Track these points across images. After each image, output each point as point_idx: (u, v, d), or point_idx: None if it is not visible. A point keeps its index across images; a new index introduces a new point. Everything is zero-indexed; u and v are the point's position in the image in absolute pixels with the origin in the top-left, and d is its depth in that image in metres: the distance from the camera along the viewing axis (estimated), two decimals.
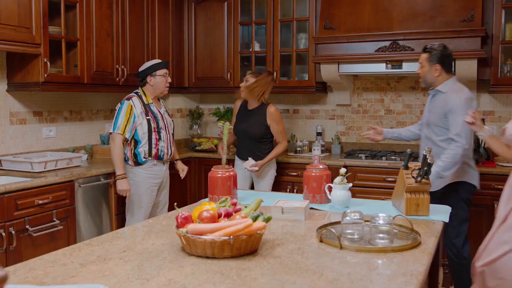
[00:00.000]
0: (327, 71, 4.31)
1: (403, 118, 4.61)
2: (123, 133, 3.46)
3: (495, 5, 3.90)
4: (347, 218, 1.88)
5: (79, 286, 1.36)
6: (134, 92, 3.62)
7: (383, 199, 3.30)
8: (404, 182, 2.26)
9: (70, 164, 3.68)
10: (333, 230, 1.80)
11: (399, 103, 4.62)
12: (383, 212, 2.27)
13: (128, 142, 3.54)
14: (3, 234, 2.89)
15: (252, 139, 4.01)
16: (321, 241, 1.82)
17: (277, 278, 1.45)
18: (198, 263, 1.58)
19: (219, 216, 1.74)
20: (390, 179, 3.98)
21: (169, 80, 3.66)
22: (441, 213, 2.28)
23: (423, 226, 2.05)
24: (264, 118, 3.99)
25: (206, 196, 4.03)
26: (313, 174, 2.48)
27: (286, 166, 4.33)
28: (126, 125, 3.46)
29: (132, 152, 3.55)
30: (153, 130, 3.54)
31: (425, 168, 2.19)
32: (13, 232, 2.95)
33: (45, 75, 3.46)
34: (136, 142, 3.54)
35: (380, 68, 4.11)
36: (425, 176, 2.21)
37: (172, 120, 3.79)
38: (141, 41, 4.38)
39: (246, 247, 1.63)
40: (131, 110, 3.49)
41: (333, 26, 4.26)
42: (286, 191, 4.32)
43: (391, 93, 4.63)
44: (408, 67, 4.00)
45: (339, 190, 2.40)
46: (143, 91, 3.62)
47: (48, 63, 3.46)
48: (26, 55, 3.43)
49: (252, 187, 4.17)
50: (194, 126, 5.30)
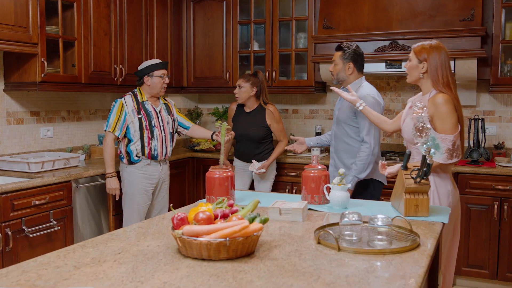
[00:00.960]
0: (326, 71, 4.28)
1: None
2: (113, 131, 3.48)
3: (495, 4, 3.88)
4: (345, 219, 1.86)
5: None
6: (132, 91, 3.63)
7: (382, 200, 3.28)
8: (403, 183, 2.24)
9: (67, 164, 3.66)
10: (331, 231, 1.77)
11: (399, 103, 4.60)
12: (382, 213, 2.26)
13: (121, 140, 3.54)
14: (0, 235, 2.87)
15: (254, 141, 4.00)
16: (319, 242, 1.80)
17: (274, 281, 1.42)
18: (193, 266, 1.55)
19: (216, 217, 1.72)
20: (389, 180, 3.94)
21: (167, 81, 3.63)
22: (441, 214, 2.25)
23: (423, 227, 2.02)
24: (263, 119, 4.00)
25: (205, 197, 4.00)
26: (312, 174, 2.45)
27: (285, 166, 4.31)
28: (116, 123, 3.50)
29: (125, 150, 3.56)
30: (144, 128, 3.52)
31: (425, 169, 2.17)
32: (10, 233, 2.93)
33: (42, 74, 3.43)
34: (129, 140, 3.54)
35: (379, 67, 4.08)
36: (424, 177, 2.19)
37: (173, 119, 3.73)
38: (139, 41, 4.36)
39: (242, 249, 1.61)
40: (122, 108, 3.51)
41: (332, 26, 4.24)
42: (285, 192, 4.30)
43: (391, 92, 4.61)
44: None
45: (338, 191, 2.37)
46: (139, 90, 3.62)
47: (45, 62, 3.44)
48: (23, 54, 3.41)
49: (251, 188, 4.15)
50: None
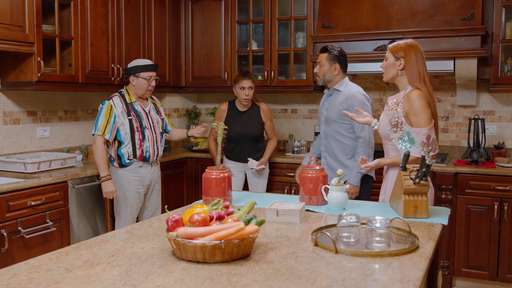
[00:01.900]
0: None
1: None
2: (103, 134, 3.39)
3: (495, 4, 3.85)
4: (343, 221, 1.83)
5: None
6: (118, 92, 3.57)
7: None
8: (402, 184, 2.21)
9: (64, 165, 3.63)
10: (328, 233, 1.75)
11: None
12: (381, 214, 2.24)
13: (111, 143, 3.48)
14: None
15: (251, 140, 4.01)
16: (316, 244, 1.77)
17: (269, 285, 1.40)
18: (188, 268, 1.52)
19: (211, 219, 1.69)
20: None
21: (153, 84, 3.53)
22: (440, 215, 2.22)
23: (422, 229, 2.00)
24: (259, 117, 4.05)
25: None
26: (309, 175, 2.43)
27: (284, 166, 4.28)
28: (106, 126, 3.40)
29: (116, 153, 3.48)
30: (135, 130, 3.46)
31: (424, 170, 2.14)
32: (5, 234, 2.90)
33: (39, 74, 3.40)
34: (120, 143, 3.46)
35: (379, 67, 4.03)
36: (423, 178, 2.16)
37: (162, 119, 3.67)
38: (137, 40, 4.33)
39: (238, 252, 1.58)
40: (111, 110, 3.42)
41: (331, 25, 4.21)
42: (284, 192, 4.27)
43: (390, 92, 4.58)
44: None
45: (336, 192, 2.35)
46: (126, 89, 3.57)
47: (42, 62, 3.41)
48: (19, 54, 3.38)
49: (245, 188, 4.13)
50: (191, 126, 5.25)
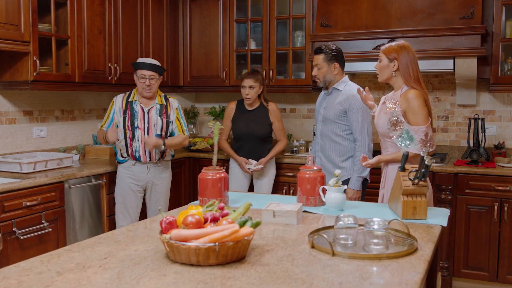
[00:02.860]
0: None
1: None
2: (102, 127, 3.63)
3: (495, 2, 3.81)
4: (340, 222, 1.80)
5: None
6: (131, 90, 3.67)
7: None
8: (400, 185, 2.18)
9: (60, 165, 3.60)
10: (325, 235, 1.71)
11: None
12: (379, 215, 2.20)
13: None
14: None
15: (258, 140, 3.95)
16: (312, 247, 1.74)
17: None
18: (181, 271, 1.49)
19: (206, 221, 1.66)
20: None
21: (147, 83, 3.48)
22: (439, 217, 2.19)
23: (420, 231, 1.97)
24: (267, 117, 3.97)
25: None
26: (307, 175, 2.40)
27: (282, 166, 4.25)
28: (106, 120, 3.61)
29: (114, 149, 3.62)
30: (126, 128, 3.51)
31: (423, 170, 2.11)
32: (0, 235, 2.87)
33: (35, 73, 3.37)
34: (117, 139, 3.55)
35: None
36: (422, 179, 2.13)
37: (168, 122, 3.59)
38: (134, 39, 4.29)
39: (233, 254, 1.55)
40: (111, 106, 3.59)
41: (330, 24, 4.18)
42: (282, 192, 4.24)
43: (389, 91, 4.54)
44: None
45: (334, 193, 2.31)
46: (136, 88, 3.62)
47: (38, 61, 3.37)
48: (14, 53, 3.35)
49: (251, 189, 4.09)
50: (190, 125, 5.22)
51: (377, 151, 3.64)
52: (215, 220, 1.67)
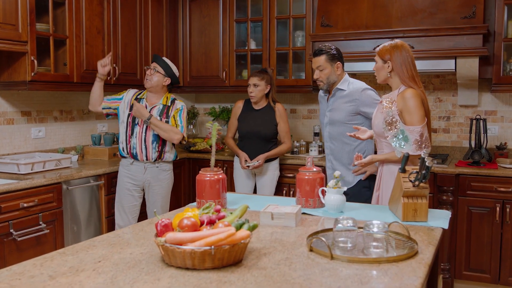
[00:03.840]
0: None
1: None
2: (104, 97, 3.62)
3: (497, 2, 3.78)
4: (339, 225, 1.76)
5: None
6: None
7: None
8: (401, 186, 2.15)
9: (59, 166, 3.57)
10: (323, 238, 1.68)
11: None
12: (379, 217, 2.17)
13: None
14: None
15: (262, 139, 3.91)
16: (311, 250, 1.71)
17: None
18: (176, 275, 1.46)
19: (202, 224, 1.63)
20: None
21: (148, 73, 3.51)
22: (440, 219, 2.16)
23: (421, 234, 1.93)
24: (273, 117, 3.93)
25: None
26: (306, 177, 2.36)
27: (283, 167, 4.21)
28: (111, 96, 3.63)
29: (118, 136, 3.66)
30: (128, 123, 3.52)
31: (423, 172, 2.07)
32: None
33: (32, 73, 3.34)
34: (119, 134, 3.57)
35: None
36: (423, 180, 2.09)
37: (166, 121, 3.53)
38: (133, 39, 4.27)
39: (229, 258, 1.52)
40: (123, 93, 3.63)
41: (330, 23, 4.14)
42: (283, 193, 4.21)
43: (389, 91, 4.50)
44: None
45: (333, 194, 2.28)
46: None
47: (35, 61, 3.35)
48: (12, 53, 3.32)
49: (255, 189, 4.07)
50: (189, 126, 5.19)
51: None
52: (211, 222, 1.63)
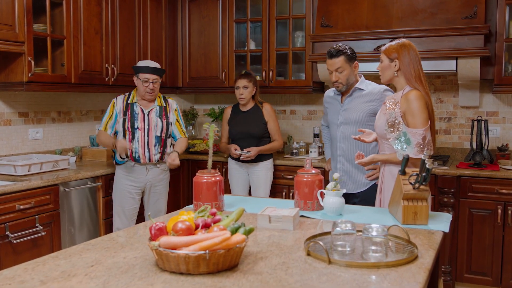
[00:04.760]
0: (325, 71, 4.15)
1: None
2: (105, 129, 3.51)
3: (498, 2, 3.74)
4: (338, 228, 1.73)
5: None
6: (129, 92, 3.60)
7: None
8: (401, 189, 2.11)
9: (56, 167, 3.54)
10: (321, 242, 1.65)
11: None
12: (379, 220, 2.14)
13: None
14: None
15: (254, 138, 3.93)
16: (308, 254, 1.67)
17: None
18: (170, 281, 1.43)
19: (197, 227, 1.59)
20: None
21: (151, 87, 3.43)
22: (441, 222, 2.12)
23: (421, 237, 1.90)
24: (262, 116, 3.97)
25: None
26: (305, 179, 2.33)
27: (282, 169, 4.18)
28: (108, 121, 3.51)
29: (112, 150, 3.52)
30: (126, 129, 3.46)
31: (424, 174, 2.04)
32: None
33: (29, 74, 3.32)
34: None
35: None
36: (423, 183, 2.06)
37: (168, 123, 3.53)
38: (132, 40, 4.24)
39: (224, 263, 1.49)
40: (113, 107, 3.51)
41: (331, 24, 4.11)
42: (282, 195, 4.18)
43: (392, 93, 4.47)
44: None
45: (332, 197, 2.25)
46: (136, 89, 3.56)
47: (33, 62, 3.32)
48: (9, 53, 3.29)
49: (251, 190, 4.05)
50: (189, 127, 5.16)
51: None
52: (206, 226, 1.60)
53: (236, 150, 3.88)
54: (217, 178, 2.29)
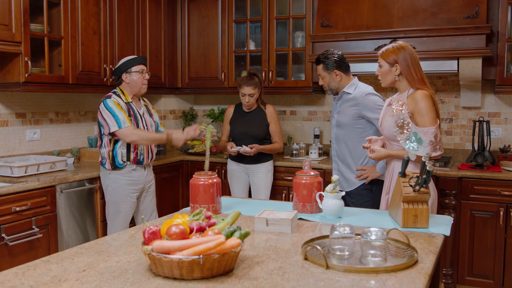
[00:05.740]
0: None
1: None
2: (131, 123, 3.23)
3: (500, 1, 3.70)
4: (336, 232, 1.69)
5: None
6: (112, 92, 3.36)
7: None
8: (401, 191, 2.07)
9: (53, 168, 3.51)
10: (318, 246, 1.61)
11: None
12: (379, 223, 2.10)
13: (106, 142, 3.30)
14: None
15: (255, 140, 3.89)
16: (306, 258, 1.63)
17: None
18: (163, 286, 1.39)
19: (191, 231, 1.56)
20: None
21: (147, 77, 3.38)
22: (442, 225, 2.08)
23: (421, 241, 1.86)
24: (264, 118, 3.93)
25: None
26: (303, 181, 2.29)
27: (282, 170, 4.14)
28: (126, 117, 3.22)
29: (111, 154, 3.30)
30: None
31: (424, 176, 2.00)
32: None
33: (26, 75, 3.28)
34: (115, 142, 3.29)
35: None
36: (424, 185, 2.02)
37: (154, 121, 3.50)
38: (131, 40, 4.20)
39: (219, 267, 1.45)
40: (119, 104, 3.26)
41: (331, 24, 4.07)
42: (282, 196, 4.14)
43: (392, 93, 4.43)
44: None
45: (331, 199, 2.21)
46: (121, 90, 3.36)
47: (29, 62, 3.29)
48: (5, 54, 3.26)
49: (250, 192, 4.01)
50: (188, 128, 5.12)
51: None
52: (201, 230, 1.56)
53: (232, 147, 3.84)
54: (214, 180, 2.26)
